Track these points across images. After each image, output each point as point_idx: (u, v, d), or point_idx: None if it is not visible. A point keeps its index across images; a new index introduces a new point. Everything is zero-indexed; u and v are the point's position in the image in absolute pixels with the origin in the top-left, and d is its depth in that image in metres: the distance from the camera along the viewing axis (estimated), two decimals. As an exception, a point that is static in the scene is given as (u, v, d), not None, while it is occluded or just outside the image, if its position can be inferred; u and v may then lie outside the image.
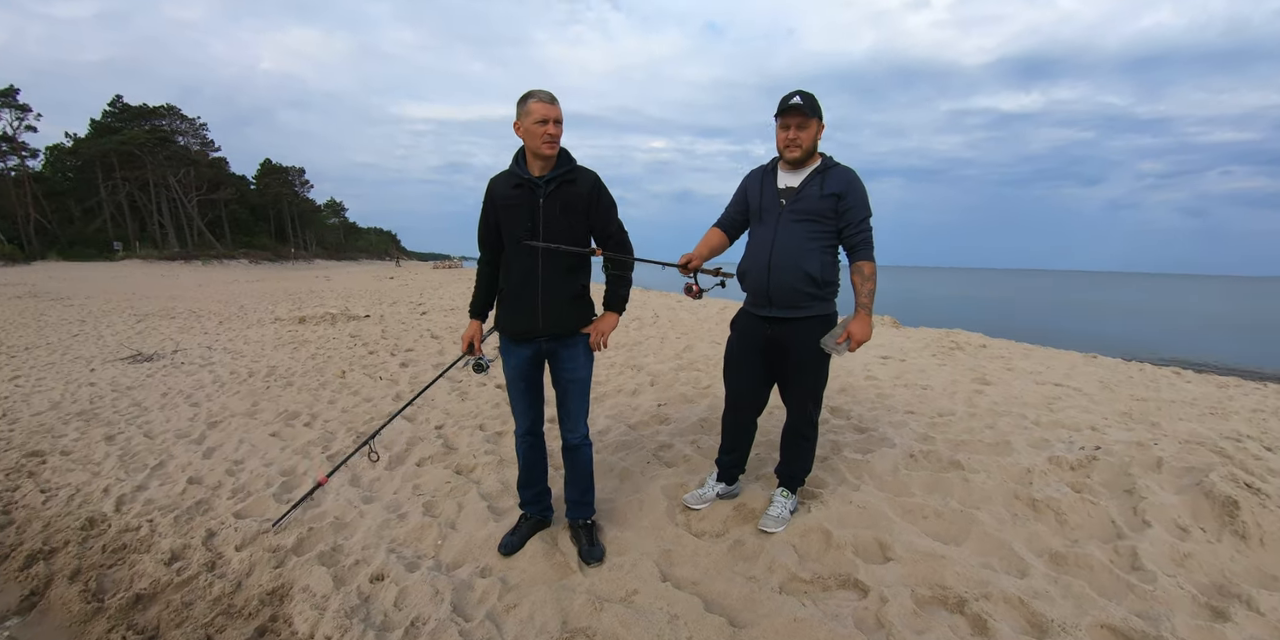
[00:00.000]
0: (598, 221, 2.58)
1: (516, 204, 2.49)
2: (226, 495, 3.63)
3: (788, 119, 2.56)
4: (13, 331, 11.70)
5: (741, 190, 2.86)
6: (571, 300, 2.55)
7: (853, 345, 2.55)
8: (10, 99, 42.89)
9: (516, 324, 2.57)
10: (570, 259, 2.52)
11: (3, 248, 36.92)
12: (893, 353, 6.92)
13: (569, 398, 2.66)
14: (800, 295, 2.61)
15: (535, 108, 2.36)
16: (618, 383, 5.52)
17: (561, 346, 2.60)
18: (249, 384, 6.26)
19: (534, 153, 2.43)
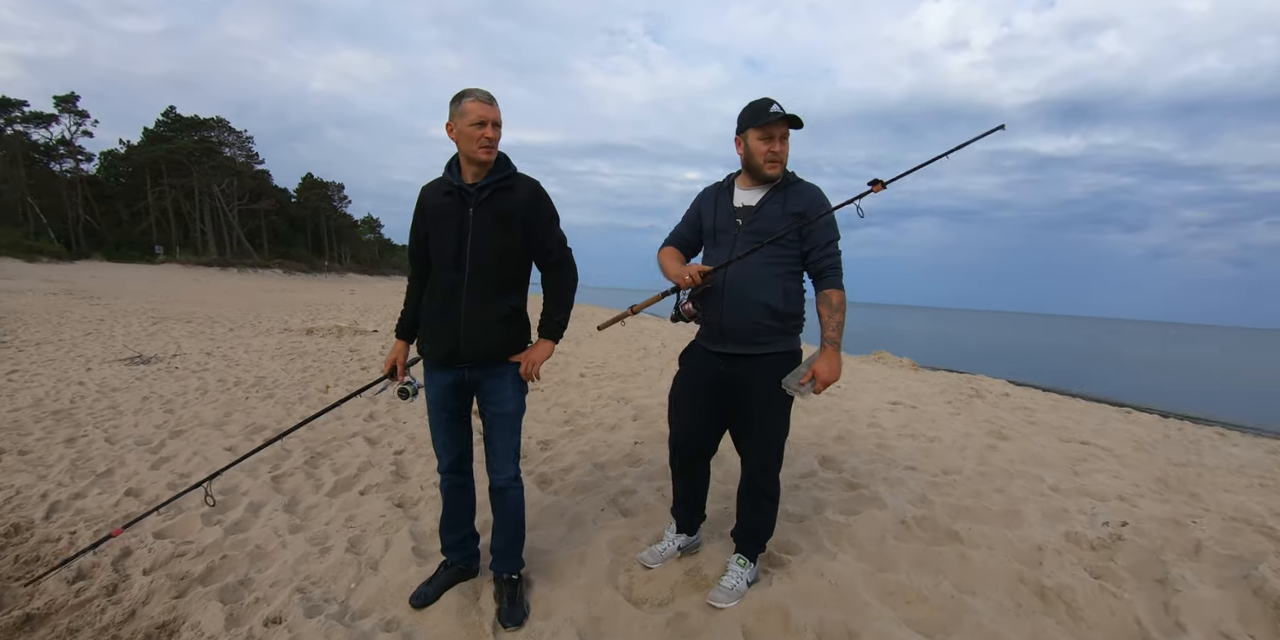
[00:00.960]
0: (535, 236, 2.29)
1: (445, 214, 2.24)
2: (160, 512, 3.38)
3: (772, 129, 2.26)
4: (33, 326, 11.88)
5: (694, 208, 2.56)
6: (499, 323, 2.26)
7: (818, 386, 2.24)
8: (70, 105, 44.97)
9: (436, 348, 2.30)
10: (502, 274, 2.25)
11: (50, 246, 38.20)
12: (904, 398, 6.47)
13: (494, 434, 2.37)
14: (759, 329, 2.31)
15: (471, 108, 2.12)
16: (600, 416, 5.18)
17: (486, 376, 2.31)
18: (231, 393, 6.11)
19: (468, 157, 2.19)
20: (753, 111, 2.28)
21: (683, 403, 2.55)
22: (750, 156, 2.32)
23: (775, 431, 2.40)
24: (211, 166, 47.58)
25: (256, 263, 47.39)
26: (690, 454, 2.61)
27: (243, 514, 3.28)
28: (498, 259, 2.21)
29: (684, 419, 2.56)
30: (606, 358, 8.97)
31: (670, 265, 2.47)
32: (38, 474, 3.90)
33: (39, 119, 44.42)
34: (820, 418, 5.16)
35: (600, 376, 7.20)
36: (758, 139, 2.27)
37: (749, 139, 2.29)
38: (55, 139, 45.63)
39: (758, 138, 2.27)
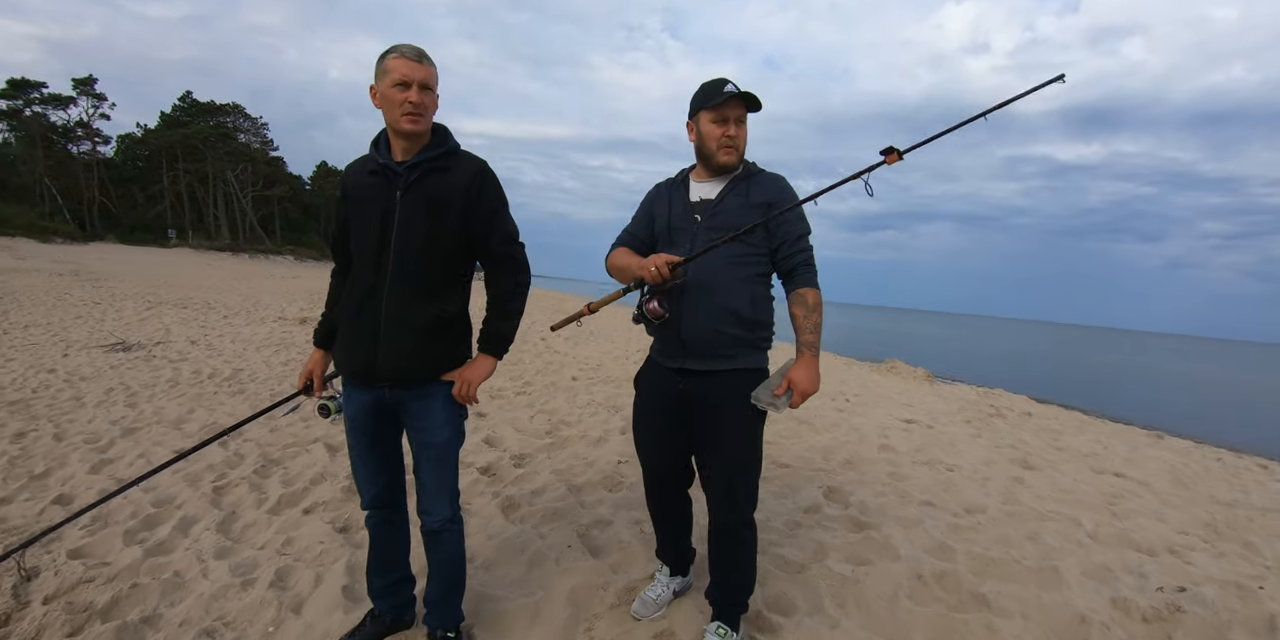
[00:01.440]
0: (477, 226, 1.90)
1: (368, 197, 1.87)
2: (84, 523, 3.03)
3: (726, 110, 1.98)
4: (27, 307, 11.67)
5: (645, 207, 2.26)
6: (426, 333, 1.87)
7: (796, 398, 1.95)
8: (89, 88, 45.13)
9: (349, 361, 1.92)
10: (433, 273, 1.87)
11: (65, 226, 38.32)
12: (920, 416, 6.01)
13: (421, 468, 1.98)
14: (724, 340, 2.01)
15: (395, 65, 1.75)
16: (586, 426, 4.77)
17: (411, 397, 1.91)
18: (201, 386, 5.79)
19: (392, 127, 1.82)
20: (704, 92, 2.01)
21: (644, 430, 2.28)
22: (702, 142, 2.05)
23: (744, 460, 2.06)
24: (226, 152, 47.54)
25: (268, 249, 47.29)
26: (661, 484, 2.32)
27: (170, 532, 2.91)
28: (428, 254, 1.85)
29: (648, 448, 2.29)
30: (602, 359, 8.58)
31: (629, 259, 2.11)
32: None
33: (57, 101, 44.57)
34: (828, 437, 4.72)
35: (593, 380, 6.80)
36: (710, 122, 2.00)
37: (700, 123, 2.03)
38: (73, 121, 45.82)
39: (710, 120, 2.00)
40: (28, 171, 41.97)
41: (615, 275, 2.20)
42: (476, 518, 3.04)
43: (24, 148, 42.89)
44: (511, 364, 7.73)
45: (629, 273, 2.08)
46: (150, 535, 2.91)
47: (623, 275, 2.13)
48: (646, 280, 1.94)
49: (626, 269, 2.10)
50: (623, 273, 2.12)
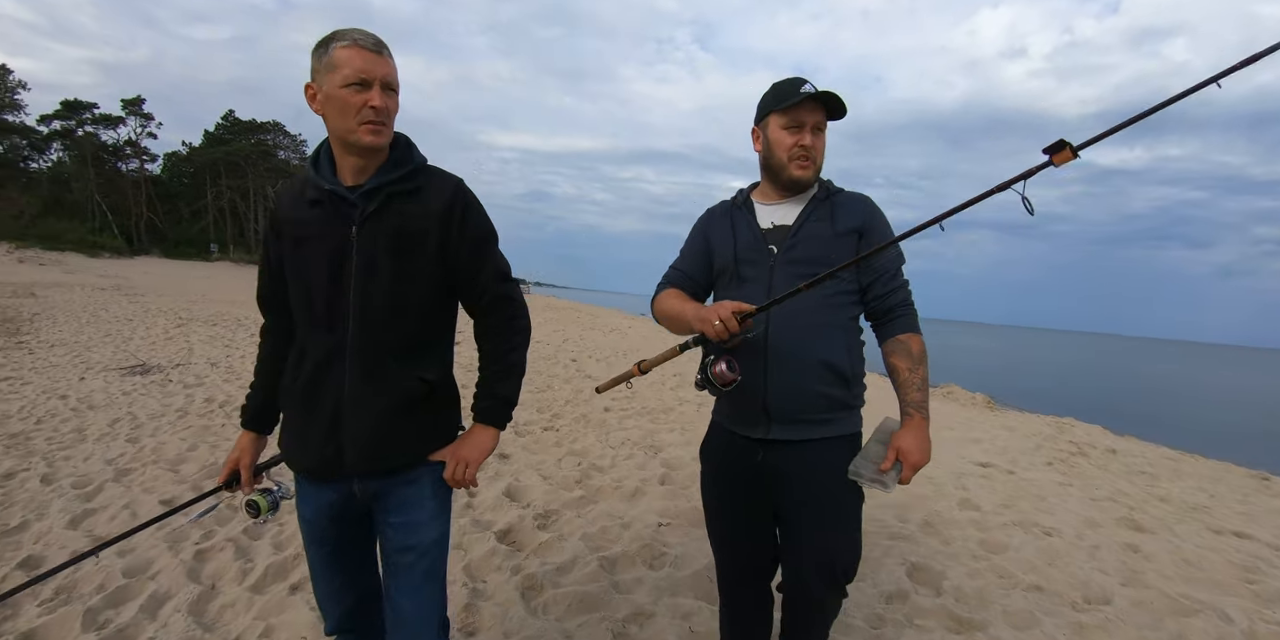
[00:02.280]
0: (460, 265, 1.48)
1: (310, 235, 1.43)
2: (47, 595, 2.65)
3: (801, 114, 1.62)
4: (60, 324, 11.72)
5: (697, 238, 1.84)
6: (403, 408, 1.43)
7: (906, 472, 1.57)
8: (137, 108, 46.88)
9: (303, 455, 1.48)
10: (406, 329, 1.44)
11: (112, 241, 39.46)
12: (995, 455, 5.35)
13: (401, 585, 1.47)
14: (818, 401, 1.64)
15: (346, 57, 1.30)
16: (620, 473, 4.24)
17: (390, 486, 1.47)
18: (209, 417, 5.46)
19: (343, 141, 1.37)
20: (776, 92, 1.67)
21: (721, 517, 1.86)
22: (771, 152, 1.69)
23: (843, 545, 1.67)
24: (267, 168, 48.68)
25: (307, 262, 48.17)
26: (744, 583, 1.89)
27: (135, 613, 2.49)
28: (398, 307, 1.43)
29: (730, 539, 1.86)
30: (638, 385, 8.05)
31: (686, 307, 1.67)
32: (-57, 526, 3.24)
33: (108, 121, 46.33)
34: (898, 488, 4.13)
35: (627, 412, 6.28)
36: (781, 128, 1.65)
37: (769, 129, 1.68)
38: (122, 140, 47.57)
39: (781, 126, 1.65)
40: (80, 189, 43.51)
41: (666, 324, 1.75)
42: (492, 603, 2.54)
43: (77, 166, 44.47)
44: (540, 390, 7.27)
45: (682, 324, 1.61)
46: (114, 616, 2.49)
47: (676, 325, 1.67)
48: (708, 335, 1.48)
49: (679, 318, 1.63)
50: (675, 322, 1.65)
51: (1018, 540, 3.33)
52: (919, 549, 3.15)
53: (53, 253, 32.88)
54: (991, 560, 3.06)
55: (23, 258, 29.85)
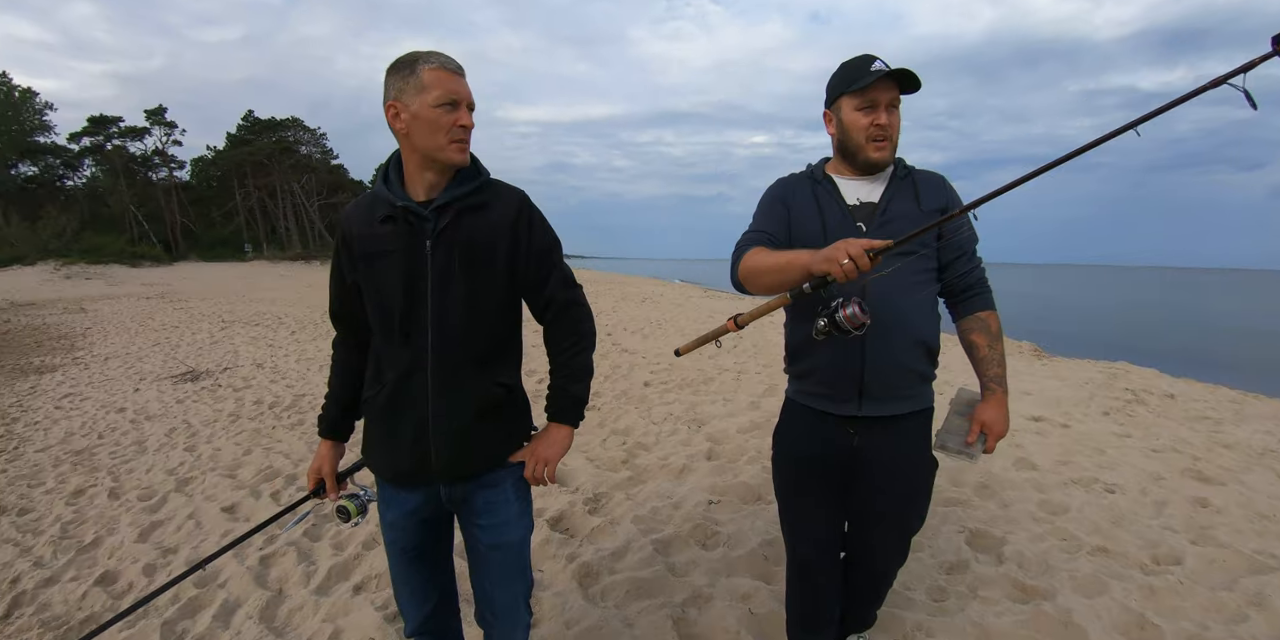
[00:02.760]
0: (529, 275, 1.56)
1: (384, 251, 1.47)
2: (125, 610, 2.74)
3: (875, 93, 1.60)
4: (111, 336, 12.13)
5: (777, 205, 1.76)
6: (486, 414, 1.52)
7: (990, 443, 1.68)
8: (160, 117, 47.48)
9: (392, 463, 1.55)
10: (484, 340, 1.51)
11: (151, 250, 40.56)
12: (1047, 408, 5.19)
13: (492, 578, 1.60)
14: (909, 377, 1.69)
15: (435, 79, 1.38)
16: (665, 450, 4.23)
17: (475, 489, 1.55)
18: (261, 419, 5.61)
19: (430, 158, 1.43)
20: (845, 73, 1.65)
21: (803, 503, 1.85)
22: (847, 135, 1.67)
23: (915, 519, 1.83)
24: (290, 165, 49.07)
25: (338, 255, 48.84)
26: (826, 565, 1.89)
27: (210, 622, 2.57)
28: (474, 318, 1.49)
29: (811, 524, 1.85)
30: (674, 357, 8.01)
31: (788, 255, 1.55)
32: (23, 546, 3.42)
33: (134, 132, 47.10)
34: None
35: (667, 385, 6.26)
36: (855, 110, 1.63)
37: (843, 111, 1.66)
38: (150, 150, 48.40)
39: (855, 108, 1.63)
40: (115, 201, 44.61)
41: (762, 279, 1.61)
42: (550, 592, 2.57)
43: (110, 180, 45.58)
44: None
45: (792, 271, 1.50)
46: (190, 626, 2.59)
47: (781, 276, 1.55)
48: (836, 277, 1.39)
49: (788, 266, 1.52)
50: (782, 272, 1.54)
51: (1079, 500, 3.24)
52: (977, 514, 3.09)
53: (97, 266, 33.93)
54: (1053, 523, 2.98)
55: (69, 274, 30.89)
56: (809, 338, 1.56)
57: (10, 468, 4.69)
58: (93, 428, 5.65)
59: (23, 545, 3.42)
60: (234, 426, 5.43)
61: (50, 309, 18.03)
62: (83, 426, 5.70)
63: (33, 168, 46.50)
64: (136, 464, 4.60)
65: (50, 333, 13.00)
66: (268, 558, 3.06)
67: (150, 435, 5.31)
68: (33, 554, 3.29)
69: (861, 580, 1.93)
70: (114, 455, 4.84)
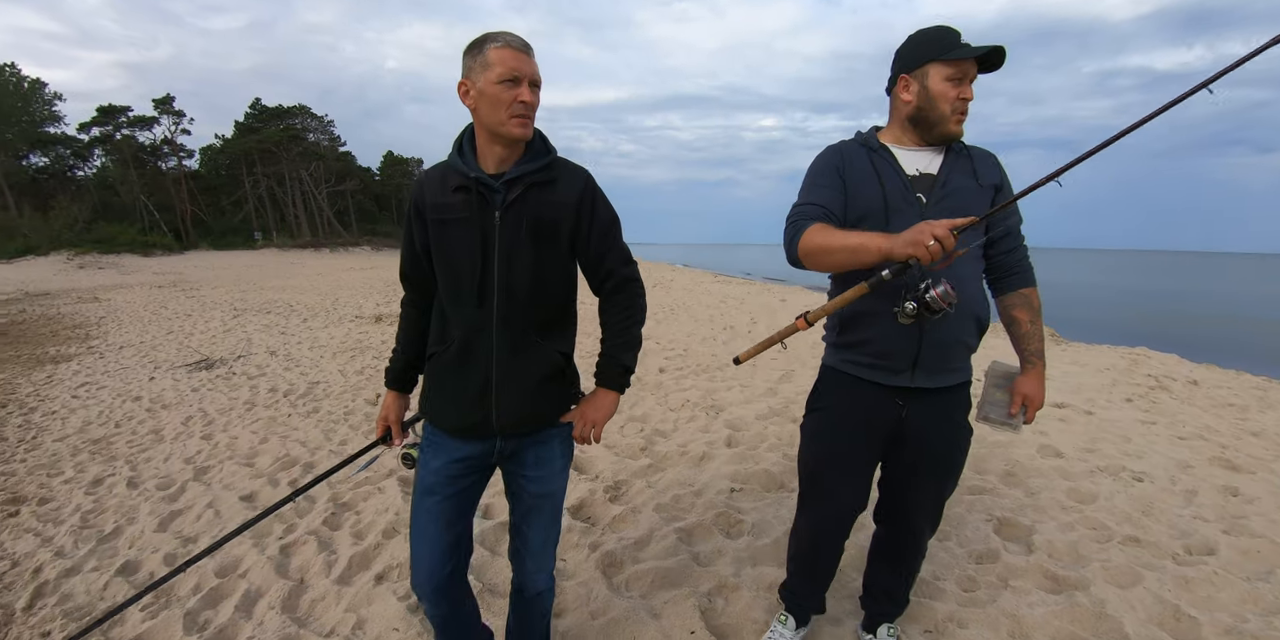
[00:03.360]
0: (589, 250, 1.65)
1: (456, 218, 1.57)
2: (148, 600, 2.76)
3: (969, 66, 1.59)
4: (125, 325, 12.18)
5: (832, 175, 1.69)
6: (546, 380, 1.64)
7: (1030, 414, 1.77)
8: (168, 106, 47.40)
9: (454, 416, 1.66)
10: (545, 307, 1.63)
11: (162, 239, 40.75)
12: (1068, 394, 5.12)
13: (533, 523, 1.75)
14: (961, 351, 1.72)
15: (500, 57, 1.45)
16: (684, 437, 4.19)
17: (524, 445, 1.69)
18: (276, 408, 5.60)
19: (493, 132, 1.52)
20: (937, 39, 1.60)
21: (842, 470, 1.84)
22: (930, 105, 1.61)
23: (951, 485, 1.88)
24: (298, 153, 48.99)
25: (346, 241, 48.79)
26: (846, 525, 1.95)
27: (232, 613, 2.56)
28: (539, 287, 1.60)
29: (847, 488, 1.86)
30: (688, 342, 7.97)
31: (867, 235, 1.51)
32: (43, 537, 3.43)
33: (142, 122, 47.08)
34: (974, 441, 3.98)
35: (682, 371, 6.21)
36: (945, 80, 1.59)
37: (930, 79, 1.60)
38: (159, 139, 48.44)
39: (946, 78, 1.58)
40: (125, 191, 44.76)
41: (828, 258, 1.58)
42: (574, 582, 2.55)
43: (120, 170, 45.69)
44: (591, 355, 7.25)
45: (867, 255, 1.48)
46: (212, 617, 2.58)
47: (854, 258, 1.51)
48: (922, 260, 1.39)
49: (862, 249, 1.48)
50: (855, 254, 1.50)
51: (1107, 488, 3.18)
52: (1003, 502, 3.04)
53: (109, 256, 34.16)
54: (1083, 511, 2.93)
55: (82, 263, 31.12)
56: (865, 311, 1.58)
57: (29, 457, 4.71)
58: (110, 417, 5.67)
59: (44, 535, 3.44)
60: (250, 415, 5.43)
61: (64, 299, 18.17)
62: (100, 415, 5.72)
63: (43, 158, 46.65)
64: (154, 453, 4.61)
65: (65, 322, 13.09)
66: (288, 547, 3.05)
67: (167, 424, 5.32)
68: (54, 544, 3.30)
69: (896, 546, 1.96)
70: (131, 444, 4.85)
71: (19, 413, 6.01)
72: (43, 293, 20.35)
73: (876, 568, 2.03)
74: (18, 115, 45.08)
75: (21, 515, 3.71)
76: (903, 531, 1.93)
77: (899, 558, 1.96)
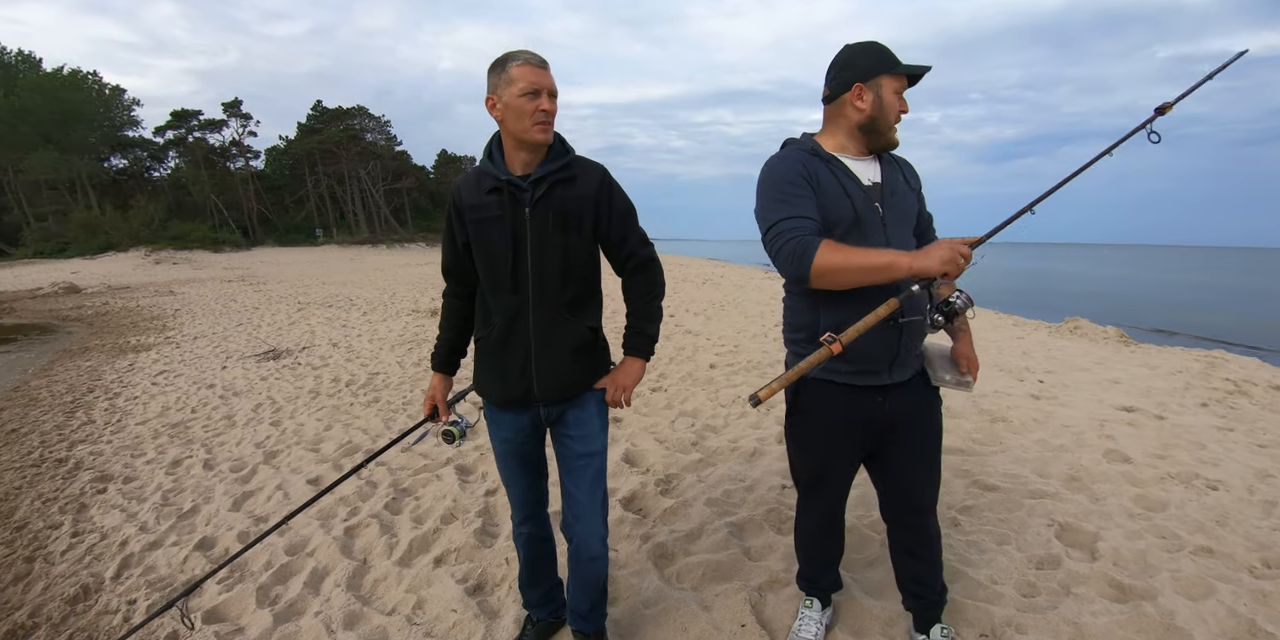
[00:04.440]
0: (610, 236, 1.87)
1: (491, 217, 1.79)
2: (222, 575, 2.92)
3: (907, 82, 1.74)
4: (199, 317, 12.83)
5: (803, 184, 1.69)
6: (579, 352, 1.87)
7: (974, 373, 1.91)
8: (236, 109, 49.86)
9: (501, 390, 1.90)
10: (574, 289, 1.84)
11: (231, 236, 42.70)
12: (1139, 398, 4.91)
13: (579, 482, 1.94)
14: (921, 342, 1.88)
15: (521, 74, 1.67)
16: (734, 433, 4.19)
17: (565, 409, 1.92)
18: (339, 397, 5.83)
19: (518, 139, 1.73)
20: (883, 55, 1.70)
21: (834, 467, 1.94)
22: (881, 115, 1.72)
23: (939, 452, 1.97)
24: (357, 152, 50.63)
25: (402, 238, 50.23)
26: (837, 519, 2.10)
27: (301, 589, 2.70)
28: (567, 270, 1.82)
29: (838, 484, 1.99)
30: (739, 338, 7.93)
31: (892, 254, 1.55)
32: (128, 512, 3.68)
33: (212, 125, 49.62)
34: (1032, 439, 3.86)
35: (733, 367, 6.20)
36: (893, 92, 1.71)
37: (882, 89, 1.70)
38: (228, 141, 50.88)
39: (893, 91, 1.71)
40: (197, 191, 47.17)
41: (845, 277, 1.58)
42: (626, 572, 2.59)
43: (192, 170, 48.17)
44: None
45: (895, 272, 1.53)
46: (282, 592, 2.72)
47: (877, 277, 1.55)
48: (953, 275, 1.53)
49: (890, 268, 1.52)
50: (881, 273, 1.54)
51: (1178, 496, 3.05)
52: (1066, 507, 2.94)
53: (182, 252, 36.00)
54: (1151, 519, 2.82)
55: (158, 259, 32.85)
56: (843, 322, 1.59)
57: (115, 439, 5.04)
58: (186, 402, 6.00)
59: (129, 511, 3.68)
60: (314, 403, 5.66)
61: (143, 292, 19.24)
62: (177, 401, 6.07)
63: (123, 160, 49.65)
64: (227, 437, 4.87)
65: (144, 314, 13.87)
66: (352, 529, 3.18)
67: (238, 410, 5.60)
68: (138, 519, 3.53)
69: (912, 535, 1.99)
70: (206, 428, 5.13)
71: (105, 397, 6.42)
72: (123, 286, 21.60)
73: (902, 563, 2.05)
74: (100, 120, 47.97)
75: (109, 492, 3.99)
76: (911, 517, 1.98)
77: (919, 543, 1.99)
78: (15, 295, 20.37)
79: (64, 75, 47.35)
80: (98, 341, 10.36)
